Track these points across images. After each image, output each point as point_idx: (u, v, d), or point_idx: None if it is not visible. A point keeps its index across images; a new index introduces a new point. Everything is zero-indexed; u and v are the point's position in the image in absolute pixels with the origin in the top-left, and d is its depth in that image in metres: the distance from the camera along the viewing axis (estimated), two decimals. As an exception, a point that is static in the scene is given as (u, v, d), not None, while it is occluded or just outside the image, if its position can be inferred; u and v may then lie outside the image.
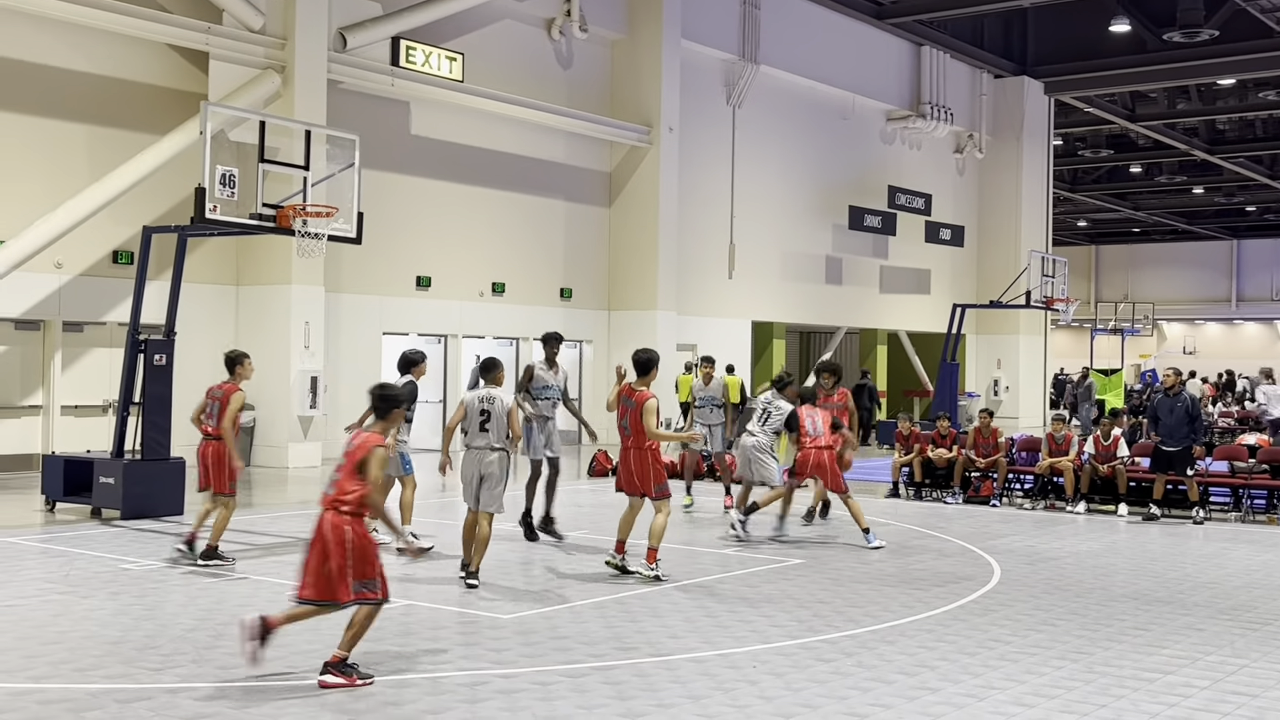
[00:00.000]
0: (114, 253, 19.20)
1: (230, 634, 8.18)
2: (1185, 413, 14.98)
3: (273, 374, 20.33)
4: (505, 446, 10.09)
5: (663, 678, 7.32)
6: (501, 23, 24.71)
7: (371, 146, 20.20)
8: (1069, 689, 7.25)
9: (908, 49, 34.60)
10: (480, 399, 10.17)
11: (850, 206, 32.49)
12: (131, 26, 18.61)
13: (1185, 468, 15.07)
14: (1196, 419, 15.14)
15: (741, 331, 30.18)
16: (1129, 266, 64.82)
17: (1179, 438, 14.99)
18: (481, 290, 24.65)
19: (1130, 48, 34.74)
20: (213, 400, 11.02)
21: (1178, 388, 15.32)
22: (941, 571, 11.24)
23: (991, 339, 37.63)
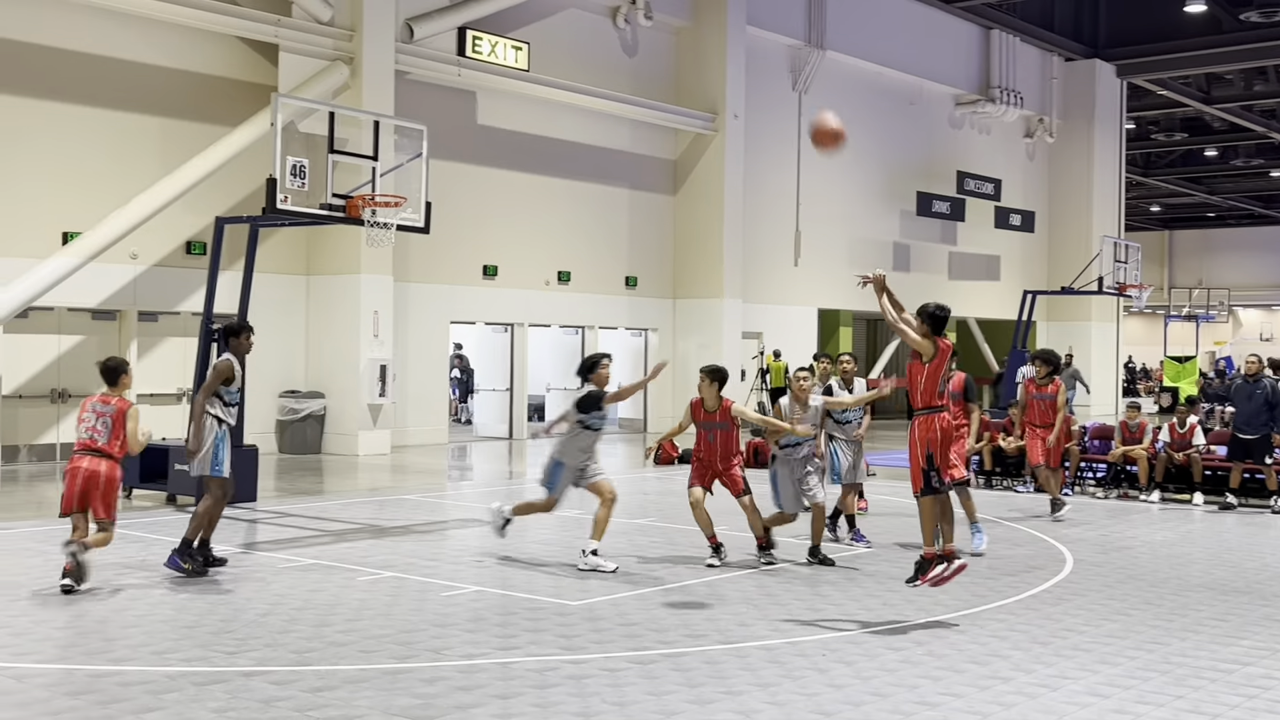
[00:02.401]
0: (187, 243, 19.50)
1: (304, 618, 8.29)
2: (1265, 400, 14.71)
3: (342, 363, 20.56)
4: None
5: (732, 665, 7.31)
6: (566, 11, 24.74)
7: (438, 136, 20.30)
8: (1144, 680, 7.14)
9: (976, 32, 34.18)
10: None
11: (918, 192, 32.18)
12: (203, 20, 18.86)
13: (1264, 456, 14.79)
14: (1276, 407, 14.85)
15: (808, 319, 30.03)
16: (1203, 252, 63.62)
17: (1257, 425, 14.72)
18: (547, 279, 24.74)
19: (1206, 28, 34.06)
20: (99, 416, 9.37)
21: (1258, 374, 15.02)
22: (1013, 560, 11.11)
23: (1063, 326, 37.13)
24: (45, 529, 12.03)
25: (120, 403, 9.46)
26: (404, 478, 17.55)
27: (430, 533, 12.33)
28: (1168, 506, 15.22)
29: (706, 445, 10.53)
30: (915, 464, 8.70)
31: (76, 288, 17.96)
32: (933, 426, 8.64)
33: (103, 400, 9.48)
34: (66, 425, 18.52)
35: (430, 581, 9.68)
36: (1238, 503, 14.93)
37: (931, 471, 8.61)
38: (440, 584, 9.58)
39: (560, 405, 25.95)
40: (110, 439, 9.33)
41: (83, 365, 18.70)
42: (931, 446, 8.62)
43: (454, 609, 8.70)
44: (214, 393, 10.03)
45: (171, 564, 9.78)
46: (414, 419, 22.29)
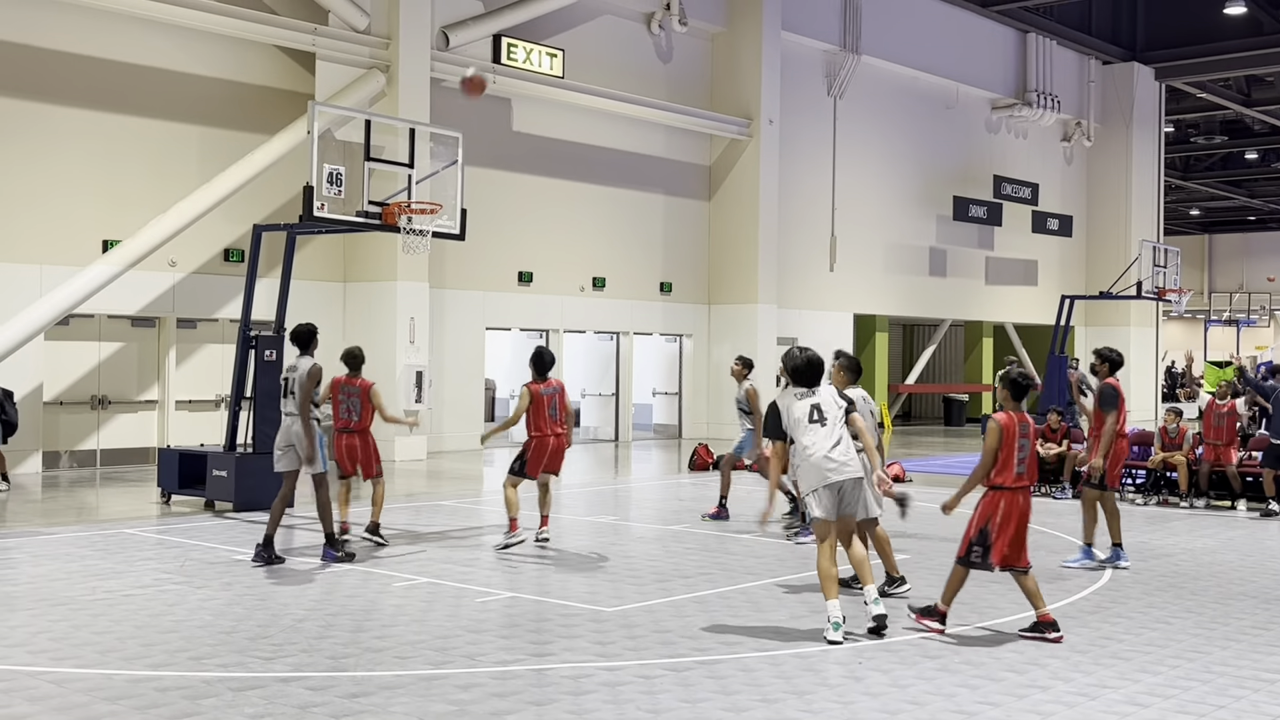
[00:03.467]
0: (225, 251, 19.65)
1: (340, 624, 8.33)
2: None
3: (379, 369, 20.60)
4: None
5: (767, 673, 7.28)
6: (601, 18, 24.79)
7: (474, 144, 20.39)
8: (1185, 689, 7.06)
9: (1013, 36, 33.99)
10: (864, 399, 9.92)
11: (954, 197, 32.03)
12: (240, 29, 19.03)
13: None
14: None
15: (844, 324, 29.93)
16: (1244, 255, 62.94)
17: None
18: (582, 285, 24.77)
19: (1246, 30, 33.73)
20: (349, 397, 11.74)
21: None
22: (1051, 568, 11.01)
23: (1101, 331, 36.82)
24: (85, 534, 12.15)
25: (362, 383, 11.75)
26: (440, 484, 17.61)
27: (466, 538, 12.36)
28: (1208, 513, 15.06)
29: None
30: (968, 530, 8.26)
31: (116, 295, 18.14)
32: (996, 504, 8.16)
33: (348, 382, 11.73)
34: (107, 431, 18.72)
35: (465, 587, 9.70)
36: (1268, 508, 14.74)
37: (978, 547, 8.16)
38: (475, 589, 9.60)
39: (596, 411, 26.01)
40: (362, 415, 11.68)
41: (123, 372, 18.90)
42: (991, 524, 8.15)
43: (489, 615, 8.72)
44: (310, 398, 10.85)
45: (328, 557, 10.68)
46: (450, 425, 22.36)
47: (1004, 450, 8.17)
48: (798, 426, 8.35)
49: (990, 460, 8.18)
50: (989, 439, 8.20)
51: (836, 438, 8.29)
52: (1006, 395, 8.45)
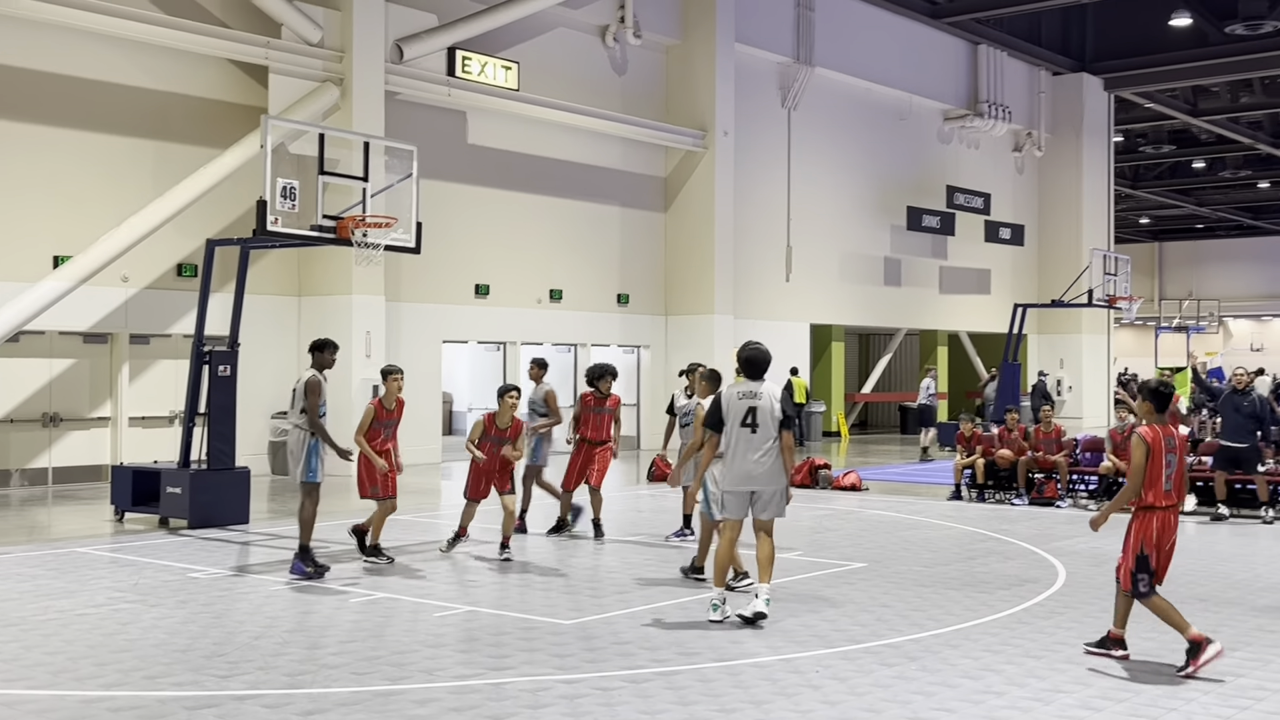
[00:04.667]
0: (178, 266, 19.51)
1: (296, 640, 8.27)
2: (1253, 413, 14.77)
3: (335, 383, 20.43)
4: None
5: (725, 683, 7.31)
6: (556, 31, 24.83)
7: (429, 156, 20.39)
8: (1136, 692, 7.16)
9: (964, 48, 34.34)
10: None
11: (908, 207, 32.29)
12: (192, 43, 18.92)
13: (1254, 466, 14.84)
14: (1265, 418, 14.92)
15: (800, 334, 30.07)
16: (1193, 263, 63.81)
17: (1244, 436, 14.78)
18: (539, 297, 24.77)
19: (1191, 41, 34.26)
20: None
21: (1247, 387, 15.09)
22: (1005, 574, 11.12)
23: (1054, 338, 37.23)
24: (37, 554, 12.00)
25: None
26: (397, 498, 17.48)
27: (423, 552, 12.32)
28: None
29: None
30: (1126, 561, 7.84)
31: (68, 311, 17.95)
32: (1149, 525, 7.76)
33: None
34: (59, 449, 18.50)
35: (423, 602, 9.67)
36: (1229, 514, 14.96)
37: (1142, 574, 7.75)
38: (433, 604, 9.57)
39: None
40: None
41: (75, 388, 18.69)
42: (1147, 547, 7.76)
43: (447, 629, 8.70)
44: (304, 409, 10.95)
45: (296, 570, 10.61)
46: (407, 439, 22.21)
47: (1151, 466, 7.70)
48: (731, 423, 8.96)
49: (1140, 477, 7.70)
50: (1135, 455, 7.72)
51: (763, 448, 8.81)
52: (1149, 408, 7.92)
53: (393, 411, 11.57)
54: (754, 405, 8.89)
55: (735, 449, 8.95)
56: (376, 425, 11.45)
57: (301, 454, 10.94)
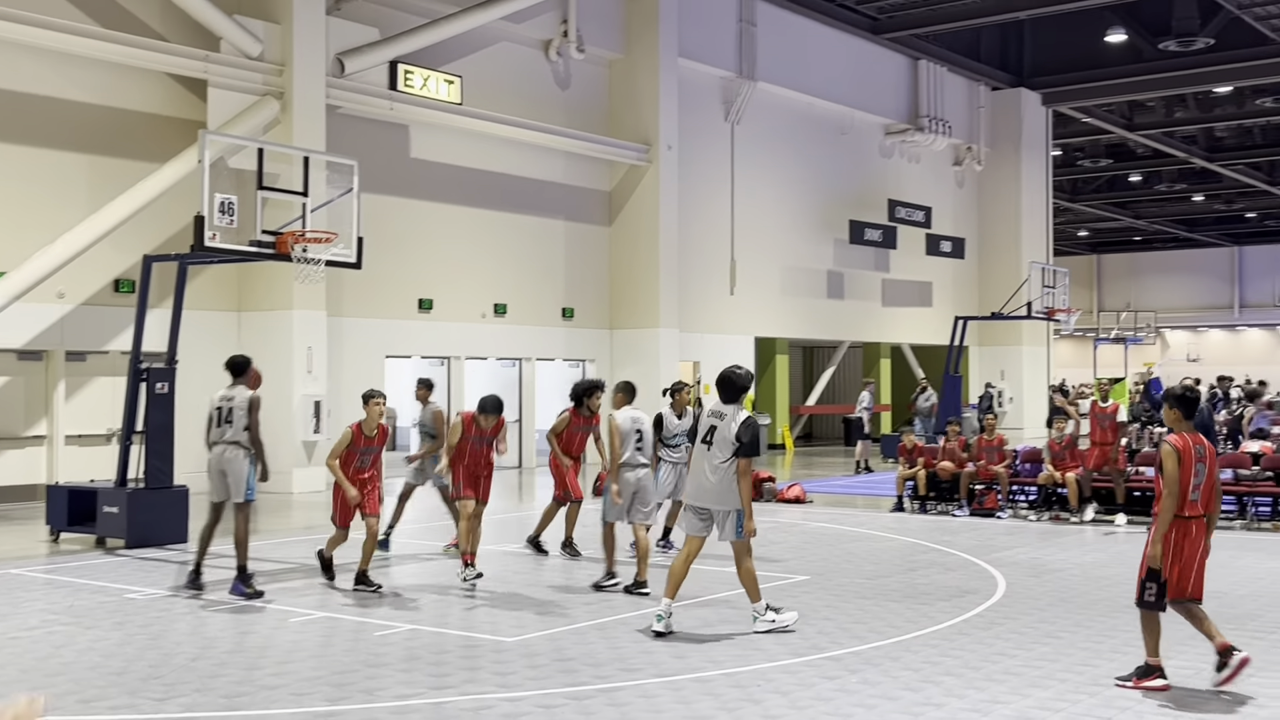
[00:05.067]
0: (115, 282, 19.25)
1: (235, 661, 8.18)
2: (1202, 421, 14.92)
3: (275, 400, 20.33)
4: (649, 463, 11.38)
5: (667, 698, 7.31)
6: (499, 45, 24.80)
7: (371, 170, 20.26)
8: (1074, 702, 7.24)
9: (904, 63, 34.69)
10: (634, 419, 11.30)
11: (850, 221, 32.53)
12: (130, 56, 18.71)
13: None
14: (1210, 429, 15.08)
15: (745, 347, 30.19)
16: (1131, 275, 64.82)
17: None
18: (483, 312, 24.69)
19: (1127, 57, 34.82)
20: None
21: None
22: (946, 586, 11.21)
23: (994, 350, 37.62)
24: (-31, 575, 11.78)
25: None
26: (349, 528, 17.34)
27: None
28: (1099, 527, 15.44)
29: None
30: (1141, 571, 7.58)
31: (2, 328, 17.65)
32: (1169, 534, 7.46)
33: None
34: (-8, 468, 18.18)
35: (364, 621, 9.59)
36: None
37: (1151, 584, 7.48)
38: (375, 623, 9.50)
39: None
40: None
41: (9, 406, 18.37)
42: (1164, 558, 7.48)
43: (388, 648, 8.63)
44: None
45: (236, 591, 10.50)
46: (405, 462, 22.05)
47: (1181, 476, 7.39)
48: (697, 439, 9.38)
49: (1176, 489, 7.35)
50: (1167, 465, 7.39)
51: (716, 467, 9.06)
52: (1177, 416, 7.66)
53: (373, 438, 11.02)
54: (715, 425, 9.18)
55: (693, 464, 9.39)
56: (353, 451, 10.91)
57: (244, 473, 10.87)
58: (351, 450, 10.89)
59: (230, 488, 10.89)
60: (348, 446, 10.87)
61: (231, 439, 10.94)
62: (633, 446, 11.20)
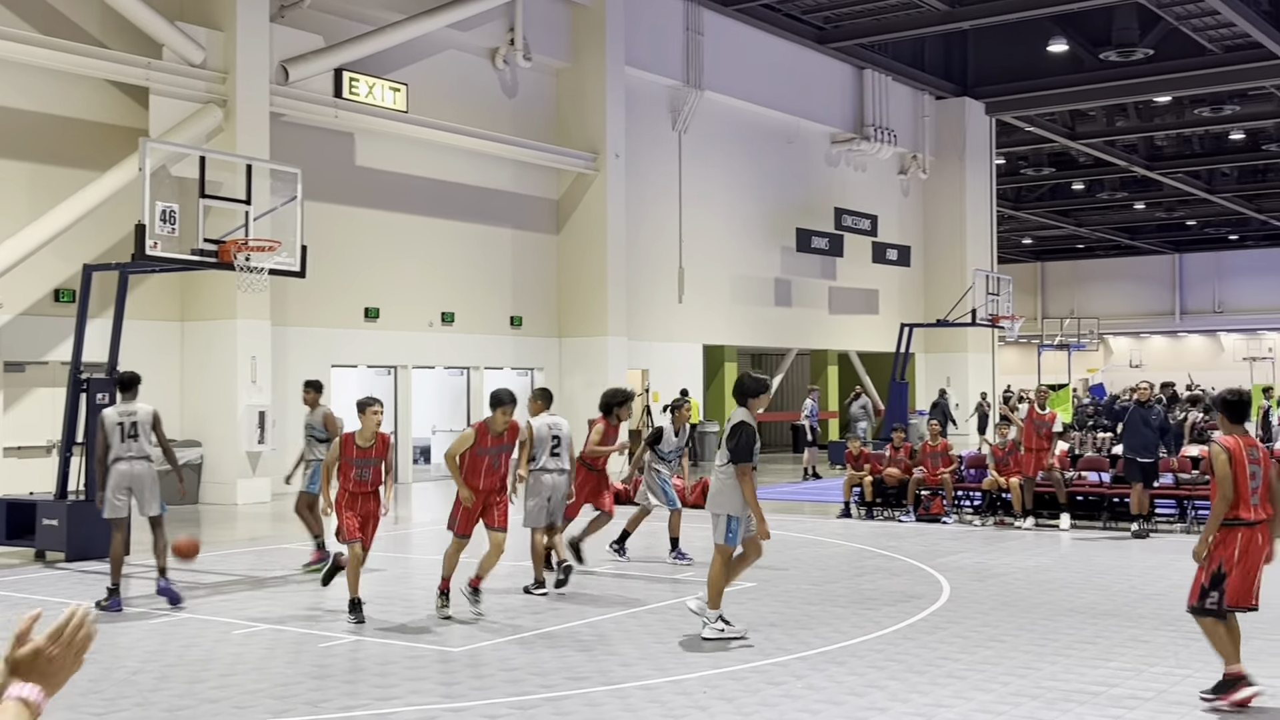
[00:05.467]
0: (55, 291, 18.99)
1: (176, 675, 8.08)
2: (1161, 424, 15.00)
3: (219, 410, 20.15)
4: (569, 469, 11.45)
5: (613, 707, 7.30)
6: (445, 53, 24.73)
7: (316, 179, 20.14)
8: (1015, 704, 7.31)
9: (850, 72, 34.94)
10: (550, 425, 11.27)
11: (798, 229, 32.71)
12: (71, 63, 18.48)
13: (1152, 479, 15.08)
14: (1167, 431, 15.24)
15: (693, 355, 30.26)
16: (1074, 282, 65.62)
17: (1153, 450, 14.94)
18: (431, 320, 24.58)
19: (1068, 67, 35.28)
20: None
21: (1150, 401, 15.29)
22: (891, 591, 11.29)
23: (940, 357, 37.93)
24: (-97, 591, 11.56)
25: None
26: (284, 526, 17.21)
27: (309, 582, 12.11)
28: (1042, 532, 15.60)
29: None
30: (1200, 576, 7.31)
31: (-62, 338, 17.37)
32: (1232, 541, 7.21)
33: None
34: (-72, 481, 17.85)
35: (308, 633, 9.51)
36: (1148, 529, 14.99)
37: (1214, 591, 7.23)
38: (319, 634, 9.42)
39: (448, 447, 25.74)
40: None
41: (-55, 418, 18.06)
42: (1227, 564, 7.22)
43: (332, 660, 8.56)
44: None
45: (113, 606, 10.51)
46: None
47: (1237, 479, 7.22)
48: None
49: (1227, 488, 7.19)
50: (1218, 468, 7.23)
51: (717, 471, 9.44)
52: (1224, 419, 7.50)
53: (369, 450, 10.07)
54: (724, 429, 9.58)
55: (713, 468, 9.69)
56: (347, 462, 10.04)
57: (156, 487, 10.94)
58: (346, 462, 10.07)
59: (144, 503, 10.84)
60: (339, 458, 10.10)
61: (139, 454, 10.87)
62: (548, 452, 11.27)
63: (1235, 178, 47.91)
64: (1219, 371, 55.23)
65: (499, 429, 9.99)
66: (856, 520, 17.14)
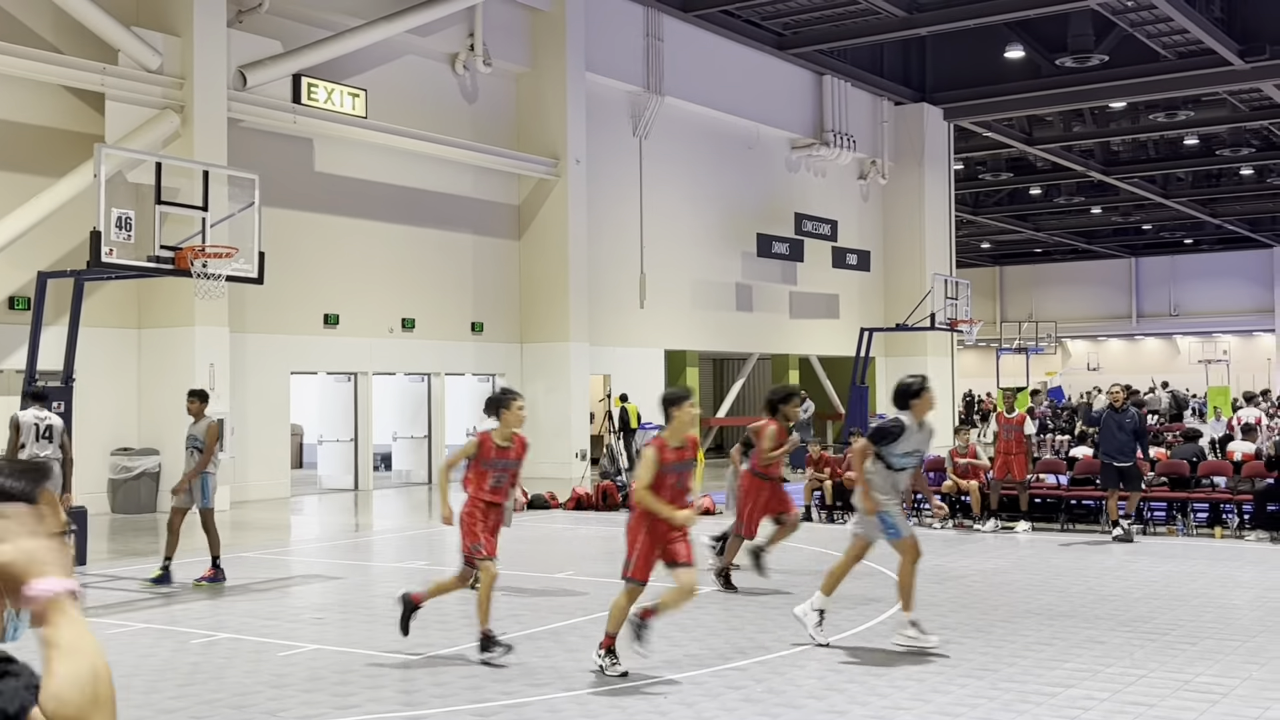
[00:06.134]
0: (10, 298, 18.79)
1: (133, 685, 8.01)
2: (1135, 428, 15.02)
3: (177, 418, 19.91)
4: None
5: (574, 712, 7.30)
6: (404, 58, 24.66)
7: (275, 185, 20.02)
8: (973, 706, 7.36)
9: (809, 78, 35.11)
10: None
11: (758, 234, 32.82)
12: (24, 69, 18.28)
13: (1137, 483, 15.04)
14: (1143, 435, 15.29)
15: (655, 360, 30.29)
16: (1032, 286, 66.19)
17: (1129, 454, 14.87)
18: (391, 326, 24.49)
19: (1025, 73, 35.59)
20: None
21: (1125, 404, 15.37)
22: (851, 594, 11.32)
23: (900, 361, 38.08)
24: None
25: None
26: (243, 534, 17.11)
27: (268, 590, 12.05)
28: (1002, 535, 15.72)
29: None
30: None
31: (-111, 347, 17.14)
32: None
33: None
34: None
35: (267, 641, 9.45)
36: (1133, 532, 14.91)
37: None
38: (278, 643, 9.37)
39: (408, 453, 25.64)
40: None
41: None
42: None
43: (291, 669, 8.52)
44: None
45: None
46: (255, 473, 21.78)
47: None
48: None
49: None
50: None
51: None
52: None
53: (508, 450, 8.74)
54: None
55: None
56: (483, 466, 8.66)
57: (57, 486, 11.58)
58: (483, 467, 8.63)
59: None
60: (473, 461, 8.67)
61: (53, 456, 11.73)
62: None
63: (1190, 182, 48.49)
64: (1175, 374, 55.88)
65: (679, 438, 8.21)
66: (817, 524, 17.21)
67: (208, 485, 12.22)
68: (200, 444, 12.28)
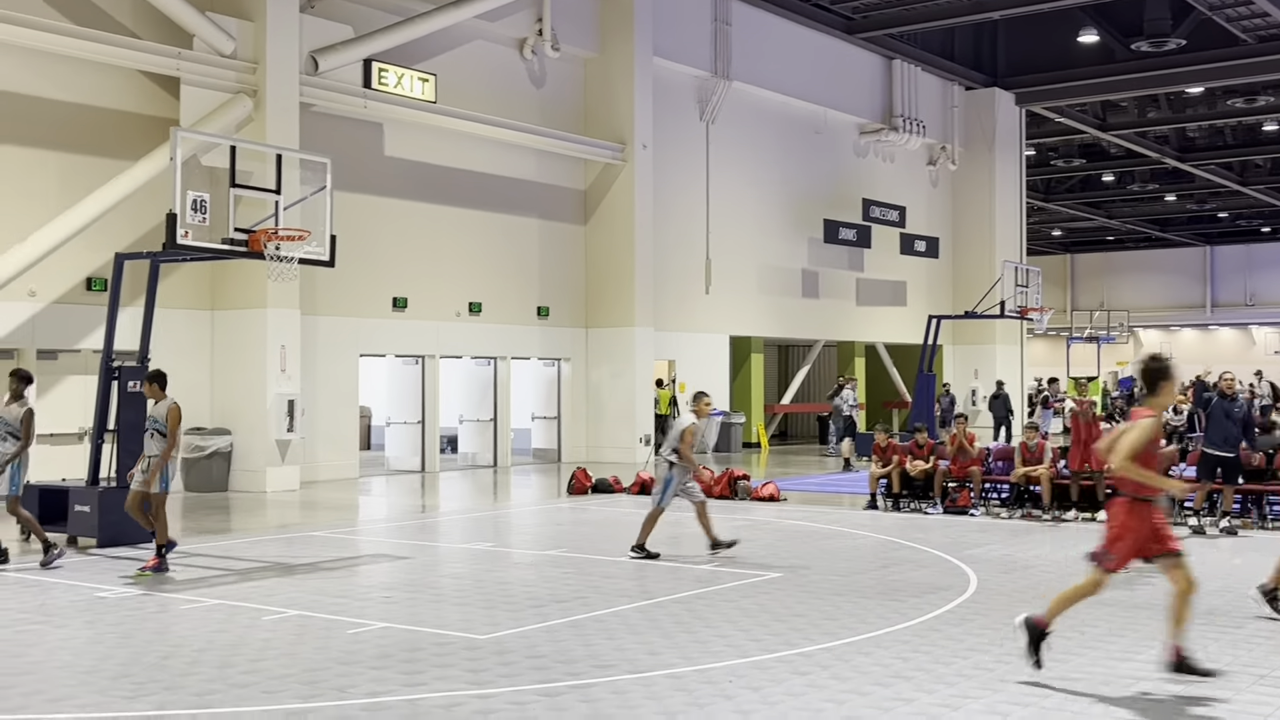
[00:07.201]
0: (87, 280, 19.14)
1: (206, 659, 8.15)
2: (1243, 417, 14.61)
3: (249, 398, 20.28)
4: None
5: (638, 694, 7.33)
6: (473, 43, 24.77)
7: (345, 169, 20.21)
8: (1044, 695, 7.29)
9: (879, 62, 34.80)
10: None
11: (825, 220, 32.62)
12: (102, 53, 18.60)
13: (1235, 475, 14.61)
14: (1250, 425, 14.92)
15: (720, 346, 30.24)
16: (1104, 274, 65.20)
17: (1233, 443, 14.45)
18: (458, 310, 24.66)
19: (1099, 58, 35.03)
20: None
21: (1235, 393, 14.78)
22: (918, 582, 11.27)
23: (968, 349, 37.78)
24: (-62, 575, 11.70)
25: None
26: (313, 514, 17.34)
27: (338, 569, 12.20)
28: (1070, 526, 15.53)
29: None
30: None
31: (-28, 326, 17.54)
32: None
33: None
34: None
35: (337, 619, 9.57)
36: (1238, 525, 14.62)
37: None
38: (347, 621, 9.48)
39: (474, 436, 25.82)
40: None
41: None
42: None
43: (360, 646, 8.62)
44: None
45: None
46: (324, 454, 22.05)
47: None
48: None
49: None
50: None
51: None
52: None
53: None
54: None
55: None
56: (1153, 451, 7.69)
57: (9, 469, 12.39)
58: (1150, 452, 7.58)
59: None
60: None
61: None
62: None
63: (1268, 169, 47.45)
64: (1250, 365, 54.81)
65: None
66: (883, 512, 17.11)
67: (167, 470, 11.97)
68: (162, 426, 11.96)
